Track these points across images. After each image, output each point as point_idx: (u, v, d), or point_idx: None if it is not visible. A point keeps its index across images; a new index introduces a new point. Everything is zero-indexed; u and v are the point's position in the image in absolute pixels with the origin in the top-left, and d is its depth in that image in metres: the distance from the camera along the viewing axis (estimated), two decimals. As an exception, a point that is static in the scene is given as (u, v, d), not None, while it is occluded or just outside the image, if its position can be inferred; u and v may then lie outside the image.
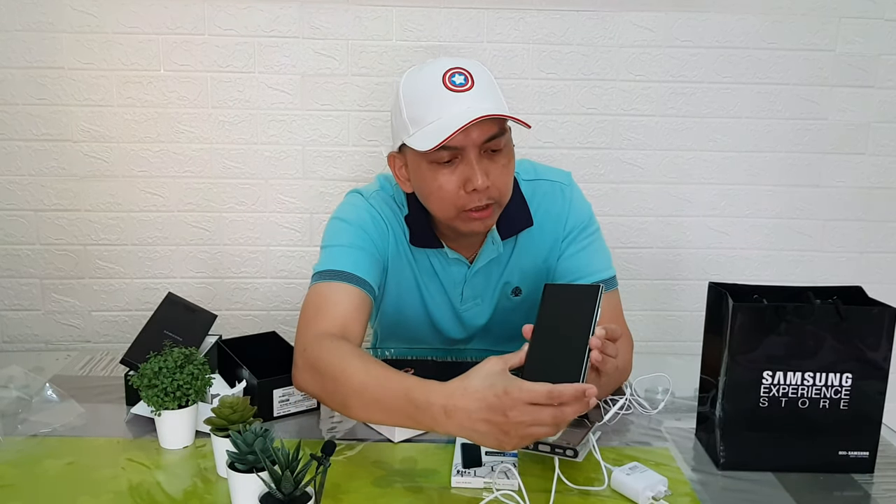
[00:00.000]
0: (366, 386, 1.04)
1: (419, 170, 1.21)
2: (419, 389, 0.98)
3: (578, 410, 0.89)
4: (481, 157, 1.17)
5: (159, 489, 1.02)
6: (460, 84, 1.16)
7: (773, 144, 2.09)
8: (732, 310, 1.04)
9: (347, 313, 1.20)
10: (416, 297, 1.37)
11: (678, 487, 1.03)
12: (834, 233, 2.15)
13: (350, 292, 1.22)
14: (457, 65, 1.17)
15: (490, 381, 0.92)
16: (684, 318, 2.18)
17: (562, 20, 1.99)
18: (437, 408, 0.95)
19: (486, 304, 1.38)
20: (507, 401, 0.89)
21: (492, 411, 0.90)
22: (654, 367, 1.41)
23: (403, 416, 1.00)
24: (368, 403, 1.04)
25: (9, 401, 1.23)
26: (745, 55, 2.03)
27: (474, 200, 1.18)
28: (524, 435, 0.90)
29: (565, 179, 1.37)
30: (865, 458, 1.07)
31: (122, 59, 1.95)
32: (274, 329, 1.43)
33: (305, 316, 1.21)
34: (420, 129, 1.17)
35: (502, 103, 1.19)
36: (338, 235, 1.30)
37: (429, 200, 1.24)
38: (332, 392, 1.09)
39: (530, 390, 0.89)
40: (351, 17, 1.96)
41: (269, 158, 2.03)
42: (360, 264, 1.25)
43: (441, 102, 1.15)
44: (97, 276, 2.07)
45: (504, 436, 0.91)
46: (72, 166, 2.00)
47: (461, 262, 1.33)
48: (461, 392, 0.94)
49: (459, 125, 1.11)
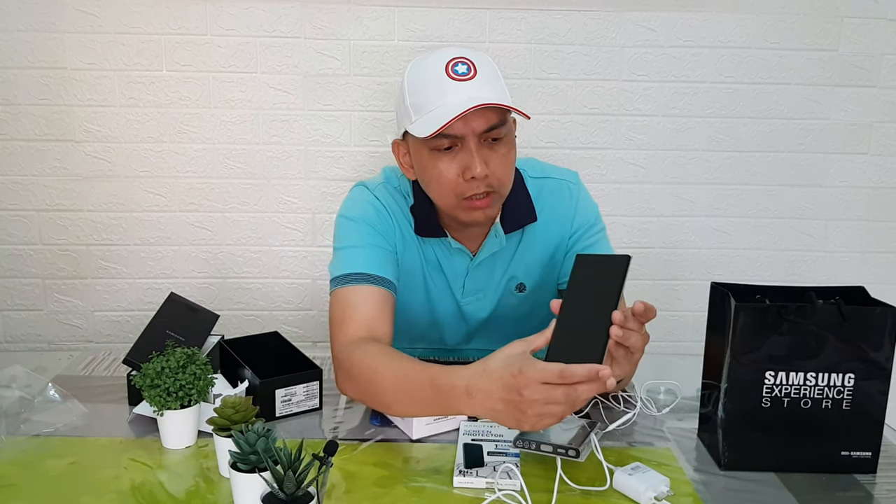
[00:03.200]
0: (396, 382, 1.09)
1: (420, 157, 1.23)
2: (442, 375, 1.03)
3: (593, 390, 0.90)
4: (481, 146, 1.18)
5: (161, 489, 1.02)
6: (463, 73, 1.17)
7: (776, 144, 2.09)
8: (735, 310, 1.03)
9: (371, 314, 1.23)
10: (420, 288, 1.37)
11: (680, 488, 1.03)
12: (836, 233, 2.15)
13: (370, 293, 1.24)
14: (461, 54, 1.19)
15: (509, 361, 0.95)
16: (686, 319, 2.18)
17: (564, 20, 1.99)
18: (459, 389, 0.99)
19: (488, 298, 1.38)
20: (521, 380, 0.92)
21: (508, 391, 0.93)
22: (656, 368, 1.41)
23: (432, 404, 1.05)
24: (402, 399, 1.10)
25: (11, 400, 1.23)
26: (748, 55, 2.03)
27: (473, 188, 1.19)
28: (541, 413, 0.92)
29: (573, 178, 1.38)
30: (868, 459, 1.07)
31: (124, 59, 1.95)
32: (276, 329, 1.43)
33: (333, 324, 1.25)
34: (421, 117, 1.18)
35: (505, 94, 1.20)
36: (347, 236, 1.32)
37: (430, 188, 1.25)
38: (372, 395, 1.15)
39: (543, 370, 0.91)
40: (353, 17, 1.96)
41: (272, 158, 2.04)
42: (374, 262, 1.27)
43: (443, 90, 1.16)
44: (99, 276, 2.07)
45: (521, 414, 0.93)
46: (74, 166, 2.00)
47: (464, 253, 1.34)
48: (481, 373, 0.98)
49: (459, 112, 1.12)
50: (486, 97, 1.15)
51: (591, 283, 1.00)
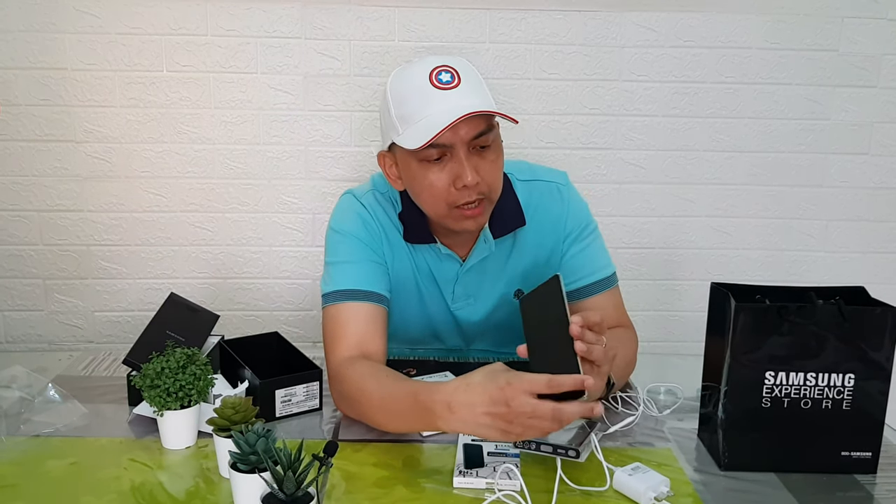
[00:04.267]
0: (383, 401, 1.11)
1: (409, 168, 1.22)
2: (424, 392, 1.03)
3: (579, 413, 0.92)
4: (470, 154, 1.18)
5: (161, 489, 1.02)
6: (447, 82, 1.17)
7: (776, 144, 2.09)
8: (735, 310, 1.03)
9: (362, 332, 1.24)
10: (413, 293, 1.37)
11: (680, 488, 1.03)
12: (836, 233, 2.15)
13: (360, 310, 1.25)
14: (443, 63, 1.18)
15: (493, 375, 0.96)
16: (687, 319, 2.18)
17: (564, 20, 1.99)
18: (440, 405, 0.99)
19: (480, 304, 1.38)
20: (509, 391, 0.92)
21: (494, 403, 0.93)
22: (656, 368, 1.41)
23: (417, 420, 1.06)
24: (390, 417, 1.11)
25: (12, 401, 1.23)
26: (748, 55, 2.03)
27: (464, 196, 1.19)
28: (526, 426, 0.93)
29: (562, 180, 1.38)
30: (868, 459, 1.07)
31: (124, 59, 1.95)
32: (276, 329, 1.43)
33: (326, 343, 1.27)
34: (408, 128, 1.17)
35: (489, 100, 1.20)
36: (336, 251, 1.32)
37: (420, 198, 1.25)
38: (362, 414, 1.17)
39: (531, 380, 0.92)
40: (353, 17, 1.96)
41: (272, 159, 2.04)
42: (363, 277, 1.28)
43: (428, 100, 1.16)
44: (100, 276, 2.07)
45: (508, 425, 0.93)
46: (75, 167, 2.00)
47: (454, 258, 1.33)
48: (464, 387, 0.98)
49: (447, 122, 1.12)
50: (472, 105, 1.15)
51: (540, 315, 1.01)
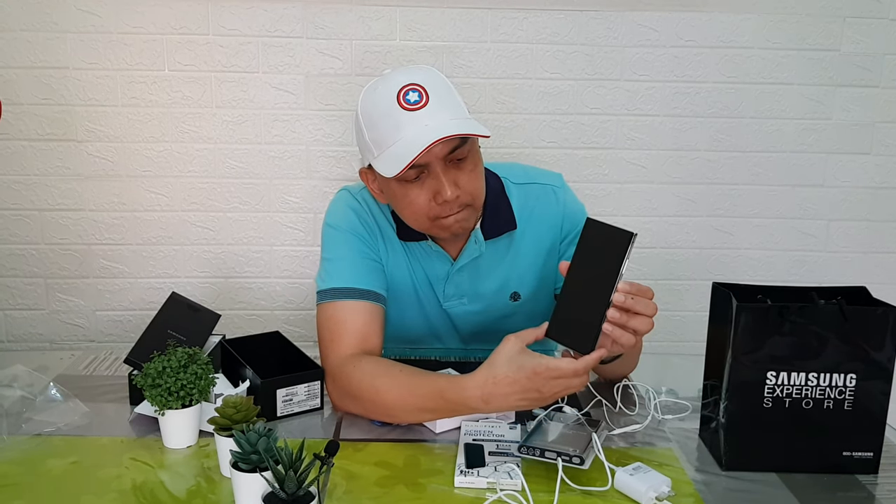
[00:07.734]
0: (403, 398, 1.14)
1: (389, 187, 1.22)
2: (451, 390, 1.09)
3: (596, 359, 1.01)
4: (448, 168, 1.18)
5: (163, 489, 1.02)
6: (415, 102, 1.15)
7: (778, 144, 2.09)
8: (736, 310, 1.03)
9: (361, 329, 1.24)
10: (410, 290, 1.37)
11: (681, 488, 1.03)
12: (838, 233, 2.15)
13: (358, 308, 1.25)
14: (410, 81, 1.17)
15: (516, 363, 1.03)
16: (688, 319, 2.18)
17: (565, 20, 1.99)
18: (474, 400, 1.06)
19: (473, 304, 1.37)
20: (538, 381, 1.02)
21: (526, 392, 1.03)
22: (657, 368, 1.41)
23: (445, 412, 1.13)
24: (410, 411, 1.15)
25: (13, 400, 1.23)
26: (750, 55, 2.02)
27: (446, 210, 1.20)
28: (557, 394, 1.04)
29: (557, 182, 1.38)
30: (870, 459, 1.07)
31: (126, 59, 1.95)
32: (278, 329, 1.43)
33: (323, 341, 1.26)
34: (382, 153, 1.17)
35: (461, 109, 1.20)
36: (333, 247, 1.32)
37: (403, 214, 1.26)
38: (374, 411, 1.18)
39: (556, 368, 1.01)
40: (355, 17, 1.96)
41: (273, 158, 2.04)
42: (360, 275, 1.28)
43: (398, 124, 1.15)
44: (101, 275, 2.07)
45: (541, 401, 1.05)
46: (76, 166, 2.01)
47: (445, 257, 1.34)
48: (492, 381, 1.04)
49: (419, 148, 1.11)
50: (441, 122, 1.14)
51: (595, 253, 1.01)
